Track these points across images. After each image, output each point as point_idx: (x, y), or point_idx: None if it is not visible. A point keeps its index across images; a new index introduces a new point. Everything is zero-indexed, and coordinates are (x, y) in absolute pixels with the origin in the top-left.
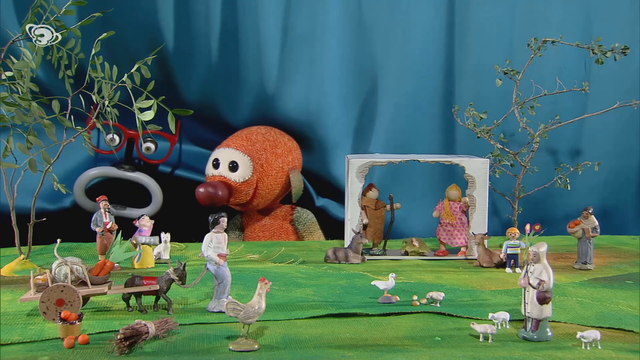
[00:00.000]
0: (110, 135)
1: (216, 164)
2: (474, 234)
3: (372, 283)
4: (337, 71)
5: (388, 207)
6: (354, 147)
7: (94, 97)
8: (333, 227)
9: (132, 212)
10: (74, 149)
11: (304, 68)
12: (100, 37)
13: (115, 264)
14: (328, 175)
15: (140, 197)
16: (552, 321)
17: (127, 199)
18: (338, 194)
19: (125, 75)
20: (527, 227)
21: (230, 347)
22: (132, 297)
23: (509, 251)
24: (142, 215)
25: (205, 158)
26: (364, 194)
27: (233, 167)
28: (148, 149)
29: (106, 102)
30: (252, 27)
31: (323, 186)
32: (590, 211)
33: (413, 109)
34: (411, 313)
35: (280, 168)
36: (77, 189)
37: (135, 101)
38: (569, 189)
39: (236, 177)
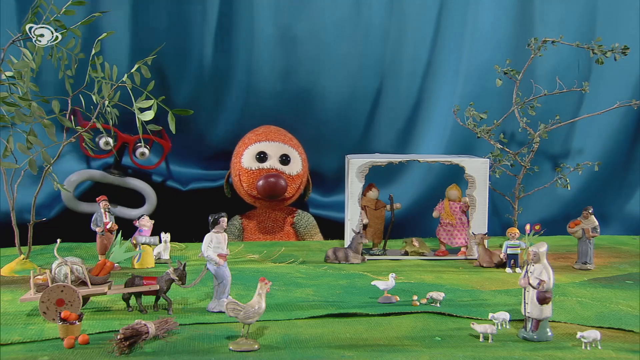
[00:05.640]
0: (104, 139)
1: (263, 157)
2: (474, 234)
3: (372, 283)
4: (336, 70)
5: (388, 207)
6: (351, 147)
7: (94, 97)
8: (332, 230)
9: (125, 212)
10: (74, 149)
11: (303, 66)
12: (100, 37)
13: (115, 264)
14: (323, 175)
15: (133, 199)
16: (552, 321)
17: (119, 200)
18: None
19: (125, 75)
20: (527, 227)
21: (230, 347)
22: (132, 297)
23: (509, 251)
24: (142, 215)
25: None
26: (364, 194)
27: (285, 160)
28: (142, 154)
29: (106, 102)
30: (246, 26)
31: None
32: (590, 211)
33: (413, 108)
34: (411, 313)
35: (305, 159)
36: (65, 196)
37: (135, 101)
38: (569, 189)
39: (290, 170)
